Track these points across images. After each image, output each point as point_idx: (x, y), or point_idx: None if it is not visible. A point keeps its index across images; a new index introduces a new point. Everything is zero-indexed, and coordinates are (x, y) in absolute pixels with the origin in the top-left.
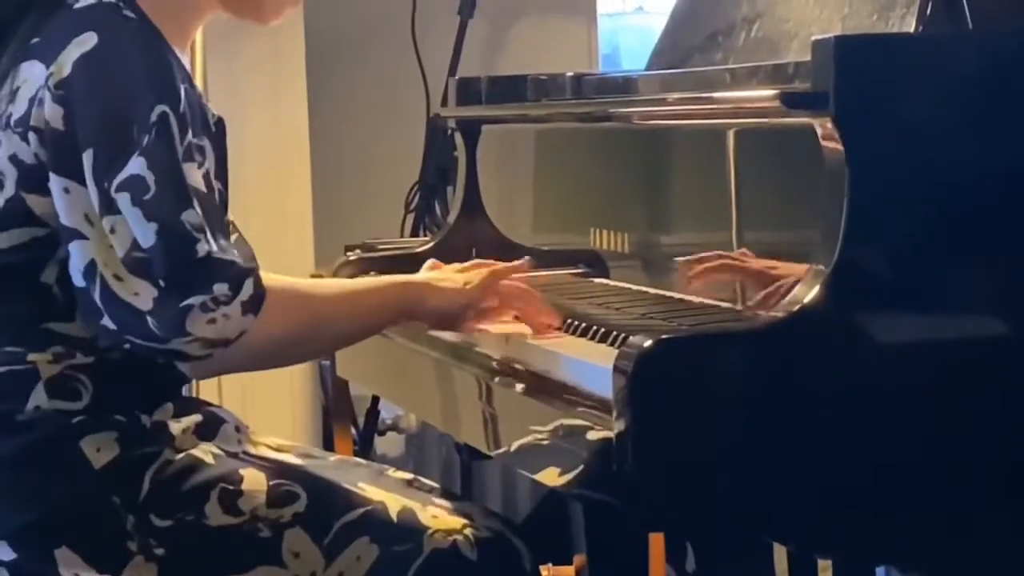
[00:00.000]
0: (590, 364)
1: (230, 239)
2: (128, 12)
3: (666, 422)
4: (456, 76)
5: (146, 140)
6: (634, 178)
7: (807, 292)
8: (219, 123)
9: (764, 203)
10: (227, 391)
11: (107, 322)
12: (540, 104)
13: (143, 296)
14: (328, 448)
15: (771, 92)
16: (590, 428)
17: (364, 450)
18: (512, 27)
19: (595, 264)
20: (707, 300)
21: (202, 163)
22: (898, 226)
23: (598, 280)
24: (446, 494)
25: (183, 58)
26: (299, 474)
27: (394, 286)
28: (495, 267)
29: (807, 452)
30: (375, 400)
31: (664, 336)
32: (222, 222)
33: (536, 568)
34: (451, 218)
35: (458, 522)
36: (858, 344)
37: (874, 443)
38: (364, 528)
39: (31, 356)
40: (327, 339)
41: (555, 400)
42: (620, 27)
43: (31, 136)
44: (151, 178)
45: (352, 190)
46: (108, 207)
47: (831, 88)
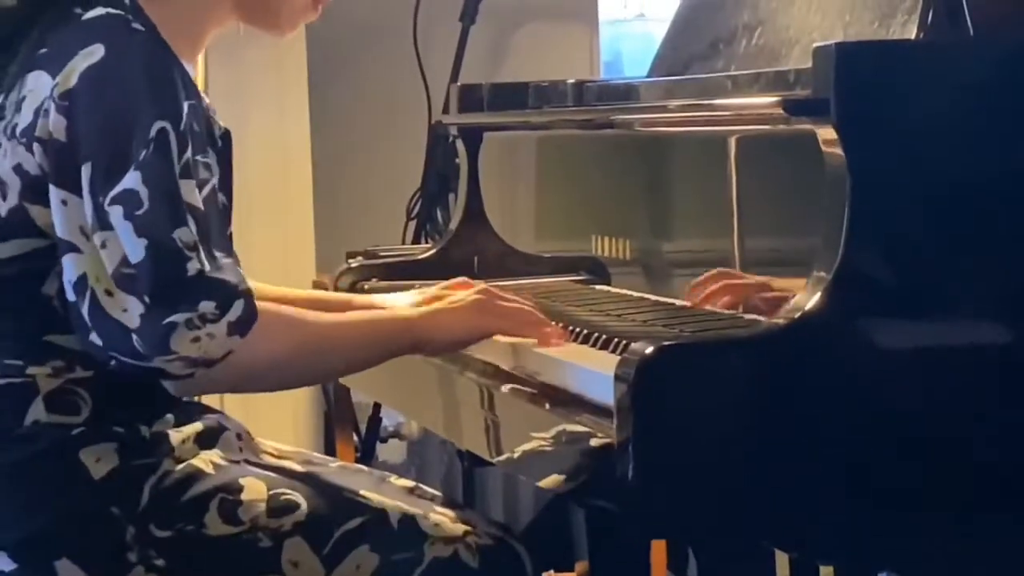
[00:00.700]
0: (592, 371)
1: (232, 252)
2: (137, 24)
3: (667, 429)
4: (458, 83)
5: (143, 155)
6: (636, 185)
7: (808, 299)
8: (225, 135)
9: (766, 210)
10: (229, 397)
11: (94, 338)
12: (542, 111)
13: (130, 313)
14: (330, 455)
15: (772, 99)
16: (592, 435)
17: (366, 457)
18: (514, 34)
19: (597, 271)
20: (709, 307)
21: (207, 180)
22: (899, 233)
23: (600, 287)
24: (448, 502)
25: (190, 69)
26: (299, 482)
27: (395, 323)
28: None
29: (808, 459)
30: (377, 407)
31: (665, 343)
32: (222, 238)
33: (538, 575)
34: (453, 225)
35: (459, 529)
36: (859, 351)
37: (875, 449)
38: (364, 536)
39: (30, 369)
40: (318, 368)
41: (557, 407)
42: (622, 34)
43: (35, 147)
44: (145, 193)
45: (354, 197)
46: (101, 221)
47: (832, 95)
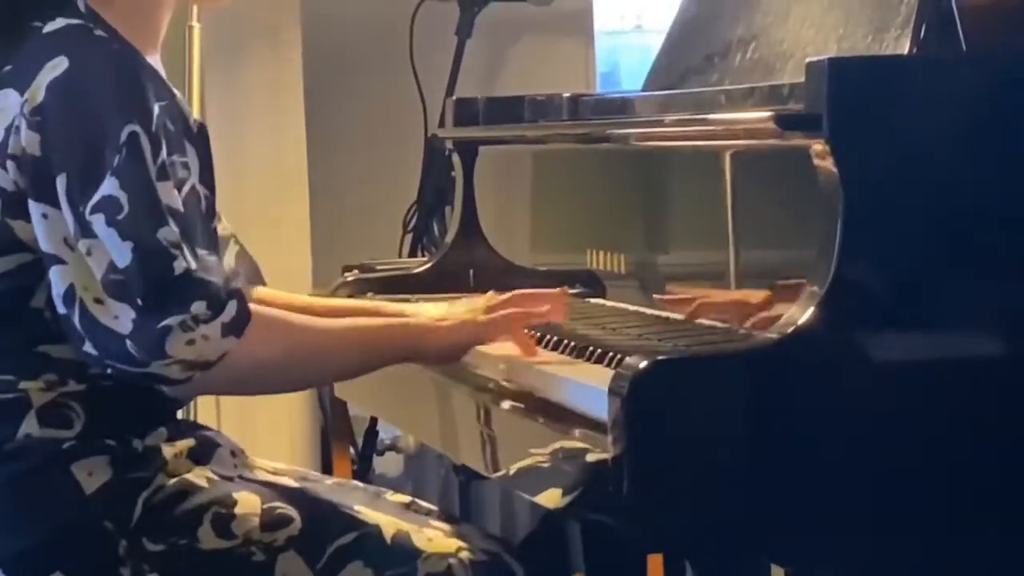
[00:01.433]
0: (586, 385)
1: (217, 250)
2: (98, 31)
3: (662, 444)
4: (454, 96)
5: (117, 160)
6: (631, 198)
7: (802, 313)
8: (201, 128)
9: (760, 224)
10: (225, 412)
11: (88, 348)
12: (537, 125)
13: (122, 319)
14: (327, 468)
15: (766, 114)
16: (587, 449)
17: (363, 470)
18: (510, 47)
19: (592, 284)
20: (703, 321)
21: (185, 179)
22: (892, 247)
23: (595, 300)
24: (443, 516)
25: (156, 62)
26: (293, 497)
27: (392, 329)
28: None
29: (803, 473)
30: (374, 420)
31: (660, 357)
32: (206, 234)
33: None
34: (449, 238)
35: (453, 545)
36: (853, 365)
37: (870, 464)
38: (358, 552)
39: (22, 384)
40: (314, 372)
41: (552, 421)
42: (619, 45)
43: (9, 164)
44: (124, 198)
45: (350, 210)
46: (84, 230)
47: (825, 110)
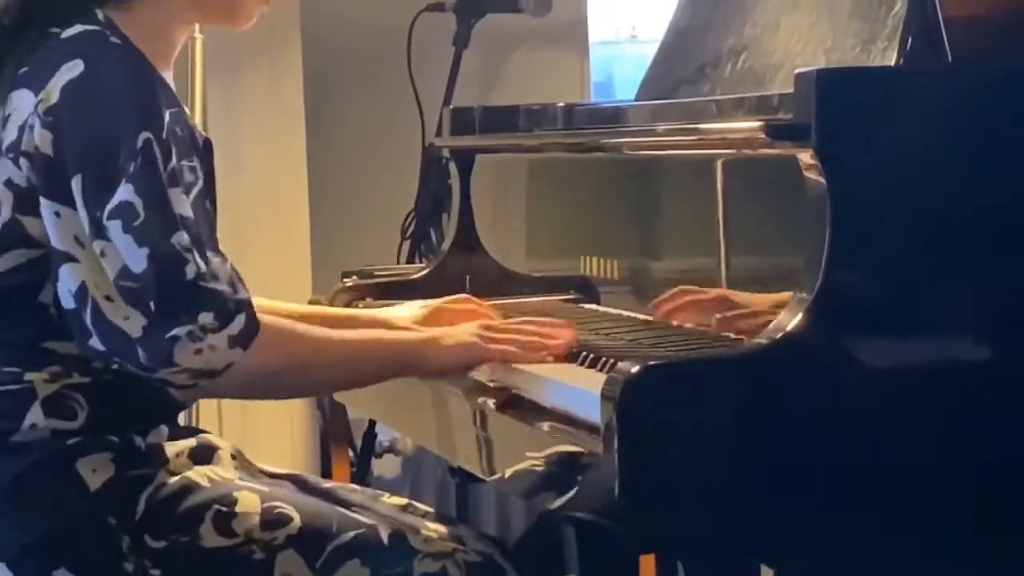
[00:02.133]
0: (579, 390)
1: (222, 256)
2: (113, 38)
3: (653, 447)
4: (451, 106)
5: (132, 167)
6: (624, 206)
7: (791, 319)
8: (207, 143)
9: (750, 231)
10: (227, 415)
11: (95, 343)
12: (532, 134)
13: (132, 322)
14: (326, 470)
15: (755, 123)
16: (581, 453)
17: (361, 472)
18: (506, 58)
19: (586, 290)
20: (695, 326)
21: (192, 184)
22: (879, 254)
23: (588, 306)
24: (440, 518)
25: (167, 77)
26: (293, 497)
27: (395, 344)
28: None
29: (793, 476)
30: (372, 423)
31: (651, 363)
32: (212, 239)
33: None
34: (446, 245)
35: (449, 546)
36: (841, 370)
37: (858, 467)
38: (356, 551)
39: (28, 375)
40: (317, 382)
41: (546, 425)
42: (614, 55)
43: (22, 161)
44: (140, 204)
45: (349, 217)
46: (98, 232)
47: (813, 120)
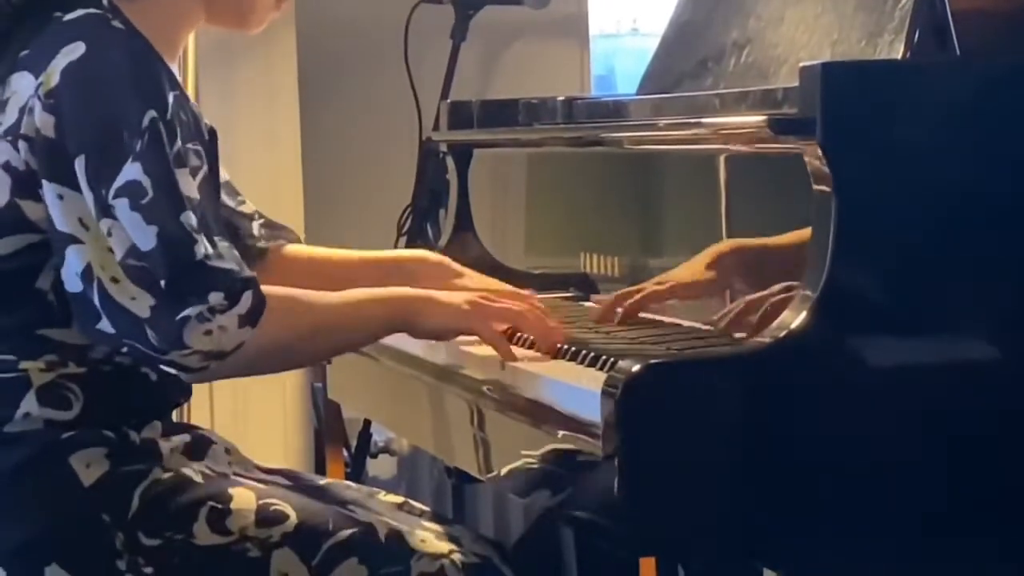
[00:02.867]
0: (579, 388)
1: (227, 239)
2: (116, 23)
3: (654, 447)
4: (448, 100)
5: (139, 145)
6: (625, 202)
7: (795, 317)
8: (212, 133)
9: (754, 227)
10: (219, 413)
11: (104, 325)
12: (531, 128)
13: (140, 302)
14: (320, 470)
15: (759, 118)
16: (579, 452)
17: (356, 472)
18: (505, 50)
19: (585, 287)
20: (696, 324)
21: (198, 167)
22: (885, 251)
23: (588, 303)
24: (436, 517)
25: (172, 67)
26: (289, 494)
27: (394, 299)
28: (497, 290)
29: (795, 476)
30: (367, 423)
31: (652, 361)
32: (218, 222)
33: None
34: (443, 241)
35: (446, 547)
36: (845, 368)
37: (862, 467)
38: (353, 549)
39: (23, 364)
40: (323, 347)
41: (545, 424)
42: (615, 49)
43: (21, 144)
44: (148, 182)
45: (345, 212)
46: (104, 211)
47: (818, 114)
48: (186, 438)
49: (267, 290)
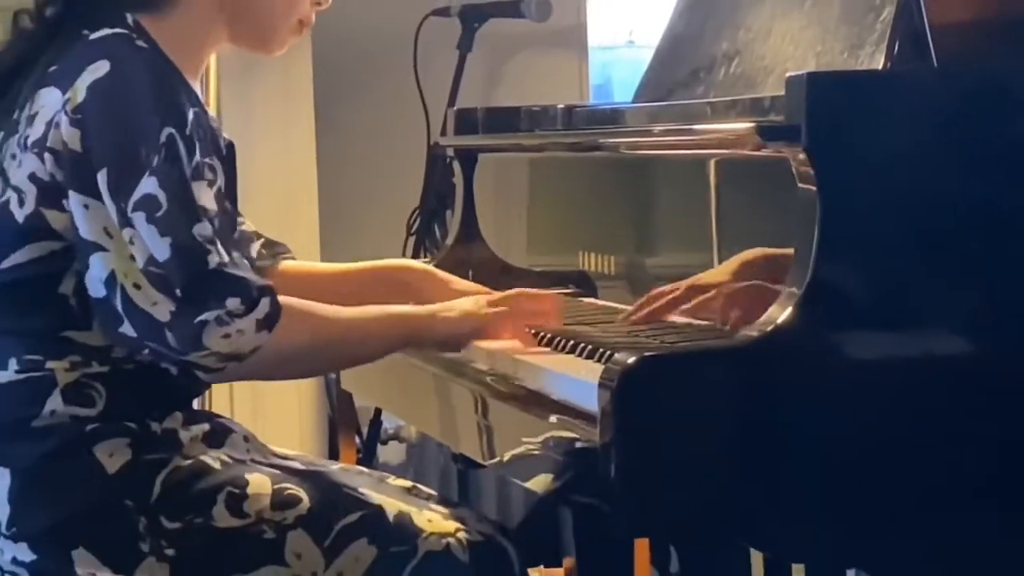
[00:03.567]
0: (578, 379)
1: (244, 253)
2: (139, 42)
3: (648, 434)
4: (455, 107)
5: (156, 161)
6: (621, 204)
7: (781, 312)
8: (229, 147)
9: (742, 228)
10: (238, 402)
11: (127, 328)
12: (533, 134)
13: (160, 307)
14: (333, 456)
15: (748, 125)
16: (577, 439)
17: (367, 458)
18: (508, 61)
19: (584, 284)
20: (689, 319)
21: (213, 181)
22: (866, 251)
23: (587, 300)
24: (442, 500)
25: (194, 85)
26: (302, 479)
27: (402, 318)
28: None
29: (780, 462)
30: (378, 411)
31: (647, 354)
32: (232, 237)
33: (524, 570)
34: (449, 241)
35: (452, 526)
36: (828, 361)
37: (844, 453)
38: (363, 530)
39: (49, 364)
40: (334, 359)
41: (545, 413)
42: (612, 59)
43: (47, 156)
44: (163, 196)
45: (357, 214)
46: (125, 222)
47: (803, 121)
48: (205, 427)
49: (284, 300)
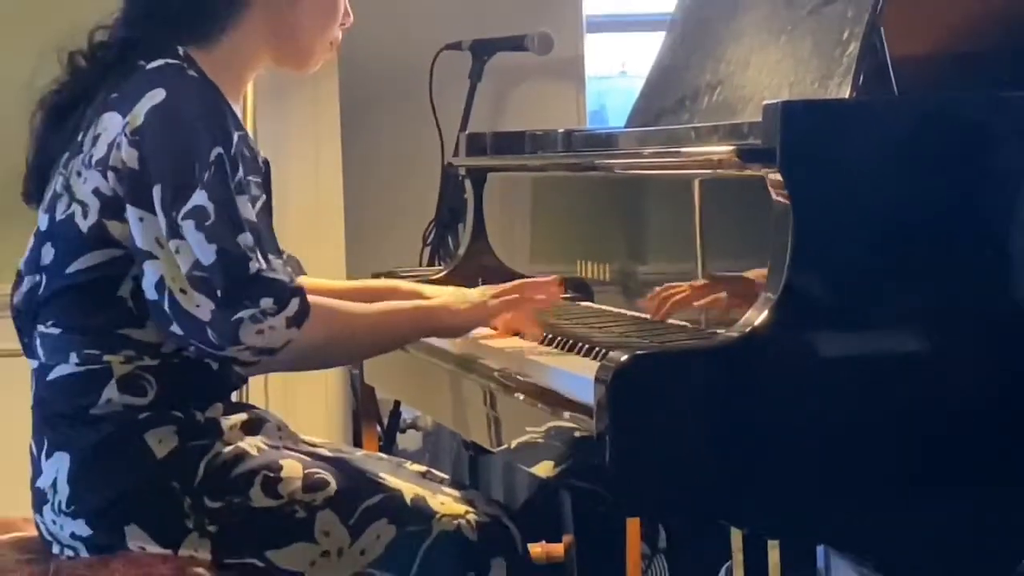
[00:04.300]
0: (576, 375)
1: (280, 259)
2: (191, 71)
3: (639, 425)
4: (466, 131)
5: (206, 176)
6: (615, 218)
7: (758, 315)
8: (266, 164)
9: (723, 241)
10: (272, 395)
11: (175, 328)
12: (536, 156)
13: (203, 308)
14: (357, 443)
15: (728, 148)
16: (576, 429)
17: (388, 445)
18: (514, 90)
19: (582, 290)
20: (677, 321)
21: (257, 197)
22: (834, 260)
23: (584, 303)
24: (454, 484)
25: (236, 108)
26: (330, 464)
27: (417, 310)
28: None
29: (756, 450)
30: (397, 403)
31: (638, 352)
32: (272, 241)
33: (525, 548)
34: (461, 250)
35: (462, 508)
36: (800, 359)
37: (816, 441)
38: (384, 511)
39: (106, 357)
40: (357, 351)
41: (547, 405)
42: (607, 88)
43: (109, 174)
44: (211, 208)
45: (379, 226)
46: (174, 232)
47: (778, 145)
48: (243, 416)
49: (312, 299)
